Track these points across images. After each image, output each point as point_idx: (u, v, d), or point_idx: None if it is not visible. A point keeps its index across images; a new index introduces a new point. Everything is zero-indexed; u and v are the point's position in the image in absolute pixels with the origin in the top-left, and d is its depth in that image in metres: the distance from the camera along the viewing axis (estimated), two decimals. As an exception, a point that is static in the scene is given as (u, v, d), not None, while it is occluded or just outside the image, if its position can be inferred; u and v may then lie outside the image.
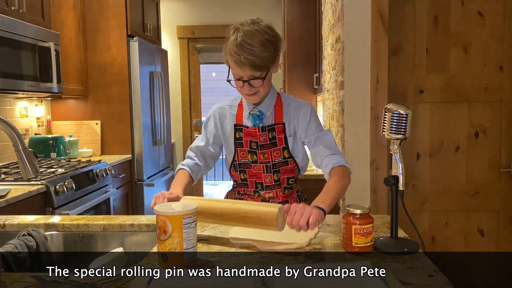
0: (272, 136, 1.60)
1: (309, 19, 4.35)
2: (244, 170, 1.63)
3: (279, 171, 1.62)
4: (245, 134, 1.61)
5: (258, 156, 1.61)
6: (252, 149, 1.60)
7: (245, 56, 1.44)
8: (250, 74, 1.49)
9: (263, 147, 1.60)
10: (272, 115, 1.61)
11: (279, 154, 1.61)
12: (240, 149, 1.62)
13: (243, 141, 1.61)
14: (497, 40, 2.38)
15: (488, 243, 2.48)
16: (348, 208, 1.22)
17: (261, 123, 1.60)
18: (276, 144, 1.60)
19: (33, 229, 1.45)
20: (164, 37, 5.15)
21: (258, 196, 1.65)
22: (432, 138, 2.44)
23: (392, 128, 1.27)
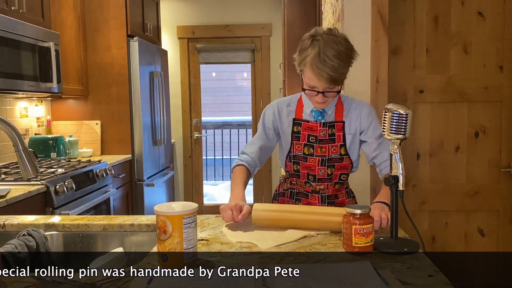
0: (332, 132, 1.68)
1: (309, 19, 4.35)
2: (298, 162, 1.71)
3: (334, 166, 1.69)
4: (304, 128, 1.69)
5: (315, 150, 1.68)
6: (310, 142, 1.68)
7: (327, 72, 1.50)
8: (326, 86, 1.55)
9: (321, 142, 1.68)
10: (333, 113, 1.69)
11: (336, 150, 1.68)
12: (296, 142, 1.70)
13: (301, 135, 1.69)
14: (497, 40, 2.38)
15: (488, 243, 2.48)
16: (348, 208, 1.22)
17: (323, 119, 1.68)
18: (335, 140, 1.68)
19: (33, 229, 1.45)
20: (164, 37, 5.14)
21: (309, 187, 1.72)
22: (432, 138, 2.44)
23: (392, 128, 1.27)
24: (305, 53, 1.54)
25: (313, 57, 1.51)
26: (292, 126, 1.71)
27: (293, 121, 1.71)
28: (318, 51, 1.51)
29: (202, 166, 5.58)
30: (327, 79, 1.51)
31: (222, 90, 8.15)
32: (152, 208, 1.17)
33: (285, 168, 1.76)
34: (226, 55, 5.45)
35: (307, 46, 1.54)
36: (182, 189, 5.51)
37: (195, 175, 5.50)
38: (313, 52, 1.52)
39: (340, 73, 1.53)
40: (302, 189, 1.74)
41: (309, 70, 1.54)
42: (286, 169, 1.76)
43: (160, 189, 4.26)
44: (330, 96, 1.59)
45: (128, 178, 3.75)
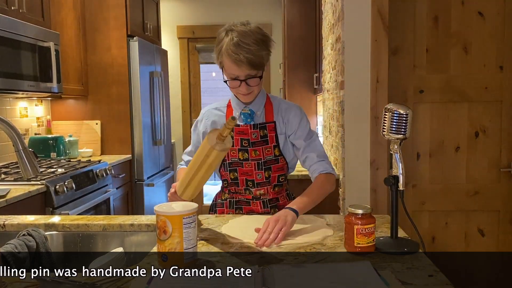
0: (264, 134, 1.64)
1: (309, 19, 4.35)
2: (235, 169, 1.65)
3: (270, 169, 1.65)
4: (236, 133, 1.63)
5: (249, 154, 1.63)
6: (244, 146, 1.63)
7: (244, 54, 1.47)
8: (247, 73, 1.52)
9: (254, 144, 1.63)
10: (263, 114, 1.65)
11: (270, 151, 1.64)
12: (230, 148, 1.62)
13: (234, 140, 1.63)
14: (497, 40, 2.38)
15: (488, 243, 2.48)
16: (350, 208, 1.21)
17: (252, 121, 1.63)
18: (268, 142, 1.64)
19: (33, 229, 1.45)
20: (164, 37, 5.14)
21: (249, 194, 1.68)
22: (432, 138, 2.44)
23: (392, 128, 1.27)
24: (220, 44, 1.52)
25: (227, 44, 1.49)
26: None
27: None
28: (231, 37, 1.49)
29: (202, 166, 5.58)
30: (245, 62, 1.48)
31: (222, 90, 8.14)
32: (152, 208, 1.17)
33: (221, 178, 1.71)
34: (226, 55, 5.45)
35: (222, 37, 1.53)
36: (182, 189, 5.51)
37: (195, 175, 5.49)
38: (227, 39, 1.50)
39: (257, 55, 1.49)
40: (242, 197, 1.69)
41: (226, 58, 1.50)
42: (222, 179, 1.71)
43: (160, 189, 4.26)
44: (253, 84, 1.55)
45: (128, 178, 3.75)
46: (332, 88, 2.93)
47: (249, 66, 1.49)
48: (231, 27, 1.53)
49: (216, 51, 1.56)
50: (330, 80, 3.05)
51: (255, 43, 1.49)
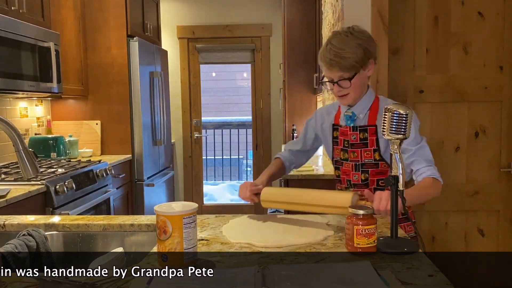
0: (364, 136, 1.64)
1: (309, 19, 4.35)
2: (338, 167, 1.73)
3: (368, 172, 1.65)
4: (340, 133, 1.70)
5: (348, 154, 1.68)
6: (345, 147, 1.69)
7: (331, 57, 1.55)
8: (338, 74, 1.58)
9: (353, 146, 1.66)
10: (366, 117, 1.66)
11: (369, 155, 1.64)
12: (336, 147, 1.72)
13: (339, 140, 1.70)
14: (497, 40, 2.38)
15: (488, 243, 2.48)
16: (351, 209, 1.21)
17: (352, 123, 1.66)
18: (367, 145, 1.64)
19: (33, 229, 1.45)
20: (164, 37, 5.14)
21: None
22: (432, 138, 2.44)
23: (392, 128, 1.27)
24: None
25: (322, 48, 1.61)
26: (332, 132, 1.73)
27: (333, 126, 1.74)
28: (326, 42, 1.60)
29: (202, 166, 5.58)
30: (334, 65, 1.56)
31: (222, 90, 8.15)
32: (152, 208, 1.17)
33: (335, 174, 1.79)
34: (226, 55, 5.45)
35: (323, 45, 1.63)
36: (182, 189, 5.51)
37: (195, 175, 5.50)
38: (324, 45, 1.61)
39: (344, 57, 1.54)
40: None
41: (320, 61, 1.62)
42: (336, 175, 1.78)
43: (160, 189, 4.26)
44: (345, 85, 1.58)
45: (128, 178, 3.75)
46: (332, 88, 2.93)
47: (339, 68, 1.56)
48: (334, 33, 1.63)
49: None
50: (330, 80, 3.05)
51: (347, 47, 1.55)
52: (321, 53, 1.60)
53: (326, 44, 1.59)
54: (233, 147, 7.62)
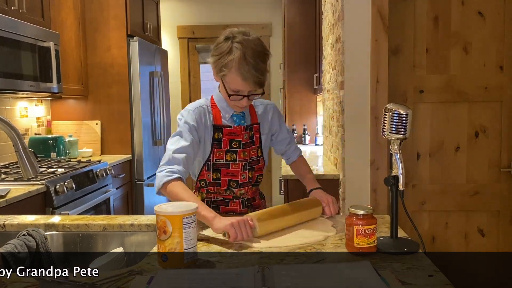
0: (251, 135, 1.67)
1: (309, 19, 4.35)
2: (218, 170, 1.64)
3: (253, 169, 1.69)
4: (226, 134, 1.62)
5: (238, 155, 1.63)
6: (233, 148, 1.63)
7: (254, 74, 1.48)
8: (251, 89, 1.54)
9: (245, 146, 1.64)
10: (249, 116, 1.69)
11: (255, 152, 1.68)
12: (217, 149, 1.62)
13: (222, 141, 1.62)
14: (497, 40, 2.38)
15: (488, 243, 2.48)
16: (351, 209, 1.21)
17: (245, 123, 1.65)
18: (254, 142, 1.67)
19: (33, 229, 1.45)
20: (164, 37, 5.14)
21: (230, 193, 1.68)
22: (432, 138, 2.44)
23: (392, 128, 1.27)
24: (226, 57, 1.50)
25: (238, 61, 1.48)
26: (213, 133, 1.61)
27: (213, 127, 1.61)
28: (242, 54, 1.48)
29: (202, 166, 5.58)
30: (255, 82, 1.50)
31: (222, 90, 8.12)
32: (152, 208, 1.17)
33: (200, 177, 1.67)
34: (226, 55, 5.44)
35: (227, 50, 1.51)
36: (182, 189, 5.50)
37: (195, 175, 5.49)
38: (237, 55, 1.48)
39: (265, 75, 1.52)
40: (221, 197, 1.68)
41: (235, 74, 1.50)
42: (200, 179, 1.67)
43: (160, 189, 4.26)
44: (254, 99, 1.61)
45: (128, 178, 3.75)
46: (332, 88, 2.94)
47: (256, 84, 1.51)
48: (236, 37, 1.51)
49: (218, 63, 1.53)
50: (330, 80, 3.05)
51: (262, 62, 1.51)
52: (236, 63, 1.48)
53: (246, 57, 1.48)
54: (233, 147, 7.59)
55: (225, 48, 1.51)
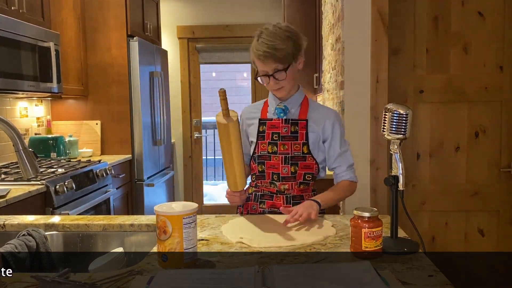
0: (295, 130, 1.69)
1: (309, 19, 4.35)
2: (263, 162, 1.71)
3: (297, 165, 1.69)
4: (268, 127, 1.71)
5: (278, 147, 1.68)
6: (273, 140, 1.69)
7: (265, 49, 1.57)
8: (273, 66, 1.60)
9: (284, 139, 1.68)
10: (297, 112, 1.71)
11: (298, 148, 1.69)
12: (261, 141, 1.71)
13: (265, 134, 1.71)
14: (497, 40, 2.38)
15: (488, 243, 2.48)
16: (356, 211, 1.19)
17: (285, 116, 1.69)
18: (297, 138, 1.69)
19: (33, 229, 1.45)
20: (164, 37, 5.14)
21: (273, 187, 1.71)
22: (432, 138, 2.44)
23: (392, 128, 1.27)
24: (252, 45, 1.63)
25: (254, 43, 1.62)
26: (258, 127, 1.74)
27: (259, 121, 1.74)
28: (257, 36, 1.62)
29: (202, 166, 5.58)
30: (268, 57, 1.57)
31: (222, 90, 8.13)
32: (152, 208, 1.17)
33: (252, 172, 1.77)
34: (226, 55, 5.45)
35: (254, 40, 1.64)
36: (182, 189, 5.51)
37: (195, 175, 5.49)
38: (254, 39, 1.62)
39: (278, 49, 1.57)
40: (266, 190, 1.73)
41: (253, 56, 1.62)
42: (252, 172, 1.77)
43: (160, 189, 4.26)
44: (281, 77, 1.62)
45: (128, 178, 3.75)
46: (332, 88, 2.93)
47: (273, 60, 1.58)
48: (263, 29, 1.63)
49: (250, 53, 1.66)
50: (330, 80, 3.05)
51: (279, 39, 1.58)
52: (253, 48, 1.62)
53: (256, 39, 1.61)
54: (233, 147, 7.60)
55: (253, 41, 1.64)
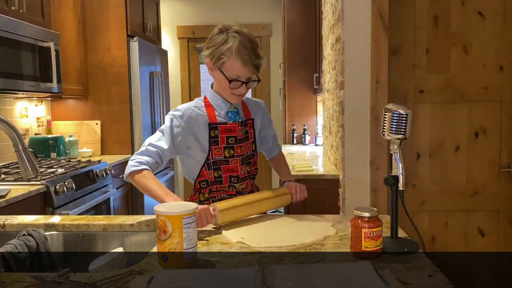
0: (246, 130, 1.72)
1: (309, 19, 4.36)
2: (219, 167, 1.66)
3: (250, 163, 1.74)
4: (222, 131, 1.64)
5: (235, 150, 1.67)
6: (229, 144, 1.65)
7: (255, 58, 1.57)
8: (250, 75, 1.61)
9: (240, 141, 1.68)
10: (242, 112, 1.74)
11: (249, 147, 1.73)
12: (215, 146, 1.64)
13: (219, 138, 1.64)
14: (497, 40, 2.38)
15: (488, 243, 2.48)
16: (356, 211, 1.19)
17: (240, 119, 1.70)
18: (249, 138, 1.73)
19: (33, 229, 1.45)
20: (164, 37, 5.15)
21: (232, 189, 1.70)
22: (432, 138, 2.44)
23: (392, 128, 1.27)
24: (224, 45, 1.56)
25: (237, 47, 1.54)
26: (209, 132, 1.63)
27: (209, 126, 1.63)
28: (240, 41, 1.55)
29: (202, 166, 5.57)
30: (254, 65, 1.57)
31: (222, 90, 8.12)
32: (152, 208, 1.17)
33: (199, 178, 1.67)
34: (226, 55, 5.44)
35: (223, 39, 1.57)
36: (182, 189, 5.51)
37: (195, 175, 5.49)
38: (236, 42, 1.55)
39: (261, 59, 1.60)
40: (225, 194, 1.68)
41: (234, 59, 1.55)
42: (200, 180, 1.67)
43: (160, 189, 4.25)
44: (251, 86, 1.66)
45: (128, 178, 3.74)
46: (332, 88, 2.94)
47: (255, 69, 1.59)
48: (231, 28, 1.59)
49: (215, 51, 1.59)
50: (330, 80, 3.05)
51: (257, 47, 1.61)
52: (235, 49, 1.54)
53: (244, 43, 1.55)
54: (233, 147, 7.60)
55: (222, 38, 1.58)
